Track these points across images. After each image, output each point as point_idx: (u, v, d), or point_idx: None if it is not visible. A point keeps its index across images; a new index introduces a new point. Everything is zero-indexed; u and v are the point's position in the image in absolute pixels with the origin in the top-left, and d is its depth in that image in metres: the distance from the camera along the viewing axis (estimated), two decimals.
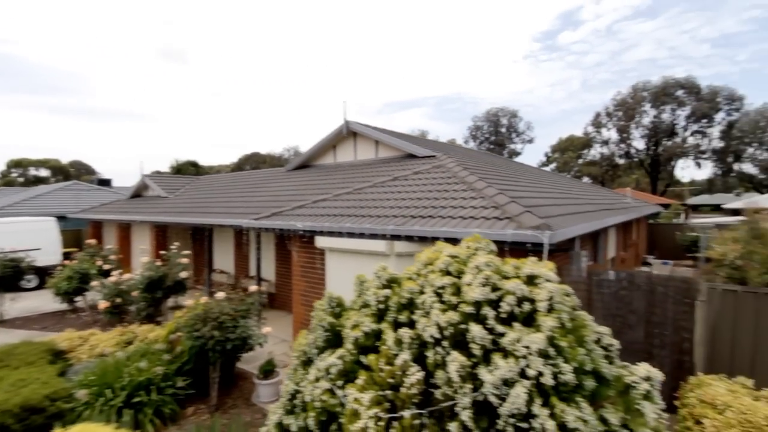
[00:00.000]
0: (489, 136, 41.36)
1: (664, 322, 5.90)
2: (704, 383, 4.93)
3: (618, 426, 2.12)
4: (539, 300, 2.46)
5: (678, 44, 49.32)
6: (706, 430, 4.42)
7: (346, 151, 11.47)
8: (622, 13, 51.03)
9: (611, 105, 37.72)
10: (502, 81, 63.16)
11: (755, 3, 44.72)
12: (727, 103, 35.02)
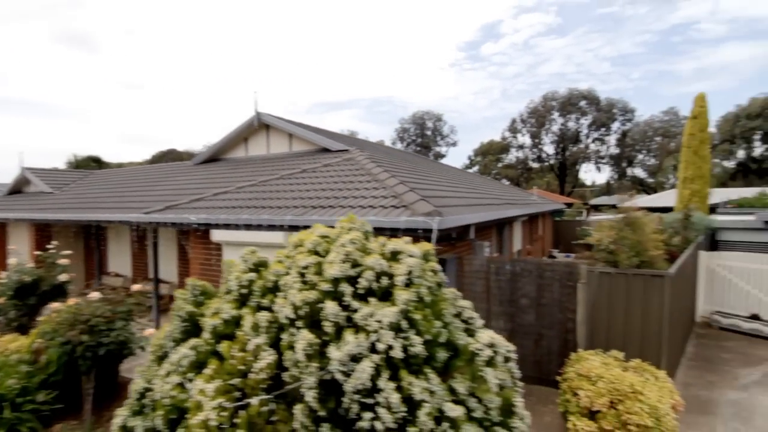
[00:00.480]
0: (415, 138, 42.50)
1: (552, 304, 6.30)
2: (583, 358, 5.32)
3: (466, 395, 2.12)
4: (398, 275, 2.40)
5: (584, 61, 54.68)
6: (581, 400, 4.74)
7: (258, 145, 10.97)
8: (537, 29, 55.46)
9: (525, 112, 40.61)
10: (430, 87, 65.42)
11: (646, 29, 50.97)
12: (622, 114, 39.35)
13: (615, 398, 4.57)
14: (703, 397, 6.15)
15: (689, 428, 5.35)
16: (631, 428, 4.34)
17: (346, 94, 71.61)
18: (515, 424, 2.22)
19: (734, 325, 8.78)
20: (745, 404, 5.90)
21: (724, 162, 36.22)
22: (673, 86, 52.11)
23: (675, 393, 4.85)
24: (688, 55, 50.26)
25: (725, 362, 7.36)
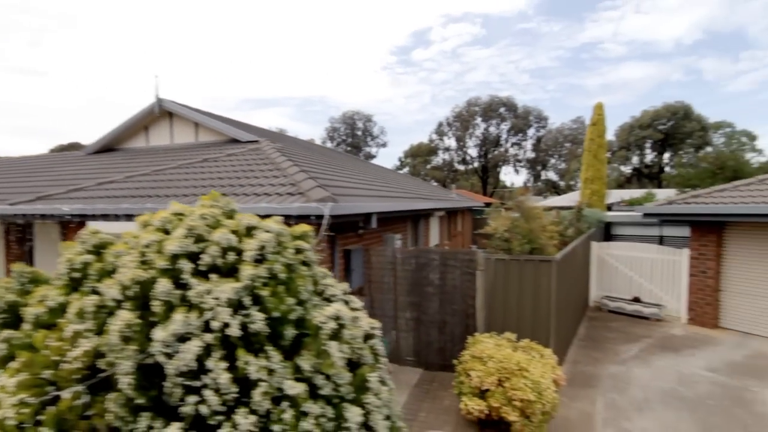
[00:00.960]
0: (346, 138, 42.41)
1: (454, 292, 6.46)
2: (478, 341, 5.50)
3: (311, 372, 2.00)
4: (247, 250, 2.22)
5: (506, 71, 58.29)
6: (472, 380, 4.89)
7: (160, 134, 10.13)
8: (464, 39, 58.04)
9: (451, 116, 42.26)
10: (364, 89, 65.61)
11: (560, 45, 55.58)
12: (537, 121, 42.43)
13: (503, 376, 4.76)
14: (588, 372, 6.68)
15: (573, 400, 5.75)
16: (516, 403, 4.54)
17: (276, 91, 69.45)
18: (368, 400, 2.14)
19: (620, 307, 9.72)
20: (623, 377, 6.49)
21: (621, 167, 40.38)
22: (582, 98, 57.41)
23: (557, 368, 5.18)
24: (595, 71, 55.65)
25: (610, 341, 8.08)
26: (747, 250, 8.35)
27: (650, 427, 5.09)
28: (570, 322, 7.82)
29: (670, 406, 5.58)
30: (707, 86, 50.52)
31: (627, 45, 52.44)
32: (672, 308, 9.35)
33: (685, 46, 50.65)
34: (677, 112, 36.82)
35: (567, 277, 6.95)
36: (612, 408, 5.54)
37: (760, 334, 8.13)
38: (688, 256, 9.00)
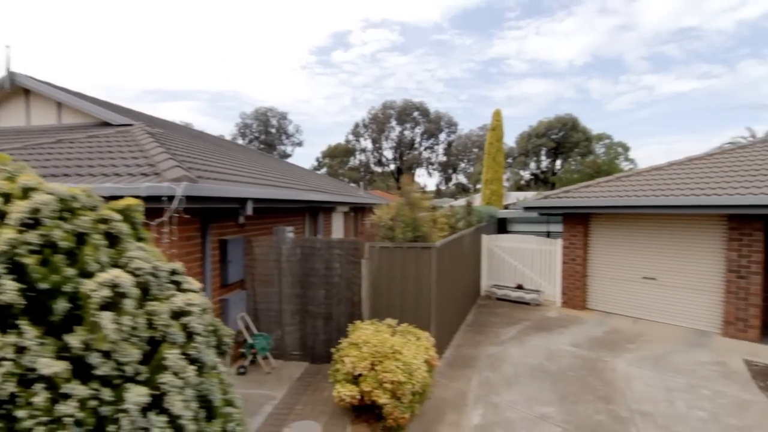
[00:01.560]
0: (259, 135, 40.76)
1: (340, 282, 6.37)
2: (358, 328, 5.45)
3: (82, 349, 1.73)
4: (14, 212, 1.87)
5: (423, 79, 60.53)
6: (345, 366, 4.81)
7: (14, 113, 8.71)
8: (383, 44, 59.09)
9: (367, 118, 42.76)
10: (281, 86, 63.44)
11: (471, 58, 59.17)
12: (448, 126, 44.61)
13: (376, 360, 4.74)
14: (470, 354, 7.01)
15: (452, 381, 5.97)
16: (387, 385, 4.54)
17: (184, 83, 64.27)
18: (164, 380, 1.91)
19: (506, 295, 10.44)
20: (499, 356, 6.91)
21: (521, 171, 44.03)
22: (490, 109, 61.58)
23: (431, 350, 5.31)
24: (501, 85, 60.22)
25: (493, 325, 8.60)
26: (607, 239, 9.45)
27: (516, 399, 5.43)
28: (457, 309, 8.18)
29: (536, 379, 6.04)
30: (594, 104, 57.42)
31: (529, 63, 57.62)
32: (549, 293, 10.27)
33: (577, 67, 57.05)
34: (567, 124, 41.05)
35: (451, 265, 7.24)
36: (485, 385, 5.84)
37: (618, 313, 9.24)
38: (561, 246, 9.94)
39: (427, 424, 4.85)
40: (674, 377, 6.04)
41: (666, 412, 5.08)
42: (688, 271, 8.32)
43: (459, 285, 8.25)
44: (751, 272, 7.43)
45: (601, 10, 50.49)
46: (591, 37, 54.00)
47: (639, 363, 6.56)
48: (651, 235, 8.78)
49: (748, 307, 7.49)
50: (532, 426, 4.79)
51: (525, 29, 55.10)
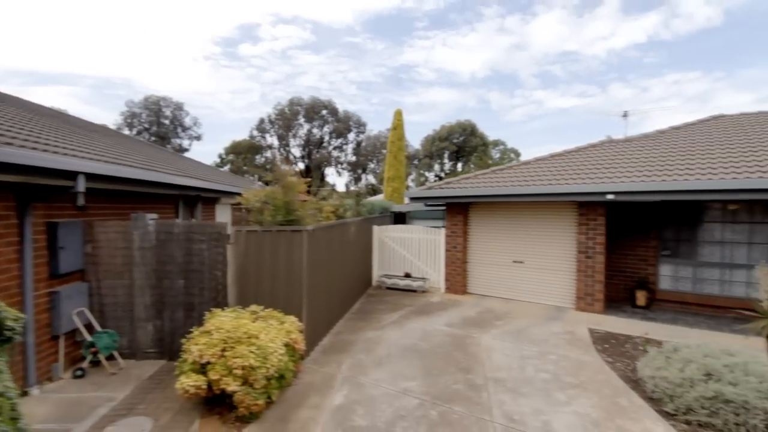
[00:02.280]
0: (149, 126, 37.00)
1: (201, 269, 5.88)
2: (215, 315, 5.04)
3: None
4: None
5: (335, 80, 59.86)
6: (192, 355, 4.42)
7: None
8: (295, 42, 57.04)
9: (273, 114, 41.25)
10: (180, 77, 57.88)
11: (383, 63, 60.19)
12: (356, 126, 44.86)
13: (228, 346, 4.42)
14: (348, 339, 6.95)
15: (323, 366, 5.82)
16: (237, 372, 4.24)
17: (63, 66, 55.58)
18: None
19: (395, 283, 10.65)
20: (376, 339, 6.95)
21: (426, 173, 45.93)
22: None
23: (294, 333, 5.12)
24: (411, 91, 62.16)
25: (378, 312, 8.68)
26: (484, 227, 10.12)
27: (383, 377, 5.46)
28: (341, 297, 8.09)
29: (406, 357, 6.16)
30: (493, 114, 62.02)
31: (436, 72, 60.33)
32: (435, 280, 10.70)
33: (479, 79, 61.12)
34: (466, 129, 43.75)
35: (329, 251, 7.13)
36: (356, 367, 5.80)
37: (494, 295, 9.93)
38: (444, 235, 10.43)
39: (286, 409, 4.63)
40: (529, 347, 6.59)
41: (516, 377, 5.49)
42: (549, 254, 9.23)
43: (343, 273, 8.18)
44: (596, 252, 8.46)
45: (499, 29, 54.90)
46: (491, 53, 58.44)
47: (502, 337, 7.06)
48: (520, 222, 9.59)
49: (594, 283, 8.51)
50: (393, 400, 4.84)
51: (433, 40, 57.72)
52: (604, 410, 4.62)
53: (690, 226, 8.82)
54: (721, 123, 10.46)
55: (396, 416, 4.49)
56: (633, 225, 9.39)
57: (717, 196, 6.95)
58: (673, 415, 4.47)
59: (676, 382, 4.53)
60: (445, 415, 4.51)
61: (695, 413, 4.31)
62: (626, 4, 48.99)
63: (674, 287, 8.98)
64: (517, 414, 4.55)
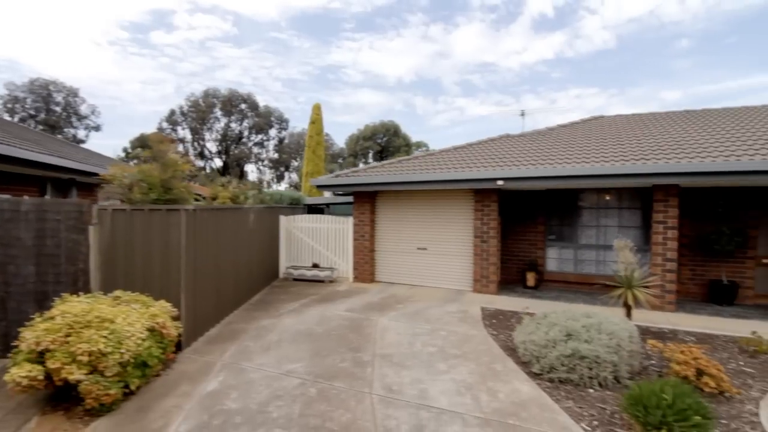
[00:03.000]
0: (36, 114, 32.49)
1: (58, 252, 5.17)
2: (65, 301, 4.46)
3: None
4: None
5: (259, 76, 57.12)
6: (26, 343, 3.84)
7: None
8: (214, 32, 53.28)
9: (186, 105, 38.56)
10: (81, 62, 51.27)
11: (309, 62, 58.87)
12: (278, 123, 43.53)
13: (74, 331, 3.90)
14: (239, 328, 6.57)
15: (204, 355, 5.41)
16: (82, 358, 3.75)
17: None
18: None
19: (302, 274, 10.38)
20: (270, 327, 6.65)
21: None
22: (329, 115, 62.16)
23: (160, 317, 4.68)
24: (339, 92, 61.56)
25: (280, 301, 8.36)
26: (390, 215, 10.24)
27: (268, 361, 5.22)
28: (237, 287, 7.65)
29: (298, 341, 5.96)
30: (419, 118, 63.67)
31: (364, 74, 60.48)
32: (343, 270, 10.61)
33: (405, 84, 62.36)
34: (390, 130, 44.48)
35: (219, 236, 6.70)
36: (240, 354, 5.48)
37: (400, 282, 10.08)
38: (353, 224, 10.38)
39: (149, 399, 4.21)
40: (423, 325, 6.74)
41: (404, 352, 5.55)
42: (450, 240, 9.58)
43: (238, 262, 7.75)
44: (490, 237, 8.95)
45: (423, 36, 56.57)
46: (416, 59, 60.04)
47: (398, 318, 7.15)
48: (424, 210, 9.85)
49: (489, 266, 8.98)
50: (273, 382, 4.62)
51: (360, 42, 57.86)
52: (480, 375, 4.82)
53: (571, 213, 9.69)
54: (601, 122, 11.68)
55: (272, 396, 4.29)
56: (524, 213, 10.10)
57: (590, 181, 7.69)
58: (539, 374, 4.80)
59: (542, 344, 4.87)
60: (325, 392, 4.40)
61: (557, 371, 4.66)
62: (536, 24, 53.23)
63: (559, 268, 9.81)
64: (396, 385, 4.57)
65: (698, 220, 8.62)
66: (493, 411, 4.01)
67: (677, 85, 55.05)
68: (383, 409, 4.03)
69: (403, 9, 55.85)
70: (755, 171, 6.44)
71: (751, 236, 8.28)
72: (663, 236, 7.59)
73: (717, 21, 47.99)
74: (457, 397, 4.28)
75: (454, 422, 3.81)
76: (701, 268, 8.63)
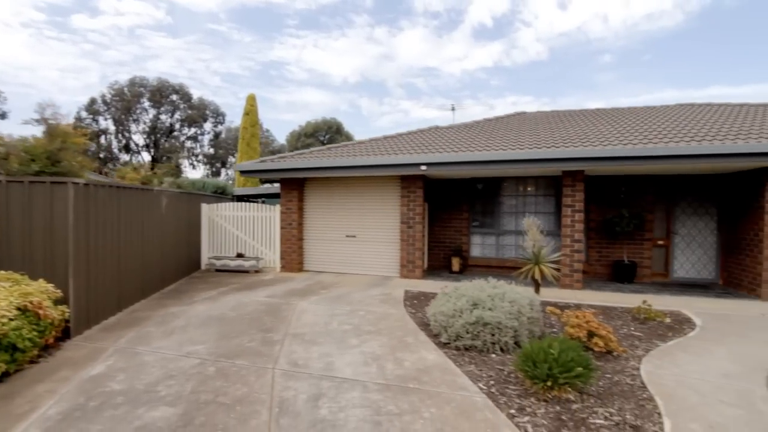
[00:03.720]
0: None
1: None
2: None
3: None
4: None
5: (195, 69, 53.86)
6: None
7: None
8: (145, 20, 49.34)
9: (109, 94, 35.65)
10: None
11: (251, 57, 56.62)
12: (214, 116, 41.57)
13: None
14: (142, 316, 6.10)
15: (97, 342, 4.96)
16: None
17: None
18: None
19: (225, 264, 9.91)
20: (178, 313, 6.24)
21: None
22: (271, 112, 60.28)
23: (34, 296, 4.21)
24: (282, 89, 59.87)
25: (196, 291, 7.89)
26: (319, 203, 10.08)
27: (167, 345, 4.87)
28: (145, 275, 7.11)
29: (206, 325, 5.64)
30: (364, 119, 63.63)
31: (308, 72, 59.27)
32: (270, 260, 10.28)
33: (350, 84, 62.02)
34: (332, 127, 44.10)
35: (121, 217, 6.19)
36: (138, 339, 5.08)
37: (329, 270, 9.94)
38: (280, 212, 10.09)
39: (19, 386, 3.75)
40: (343, 307, 6.66)
41: (318, 331, 5.43)
42: (378, 227, 9.61)
43: (148, 249, 7.21)
44: (416, 222, 9.08)
45: (368, 38, 56.71)
46: (361, 60, 60.01)
47: (320, 301, 7.02)
48: (352, 197, 9.80)
49: (414, 251, 9.11)
50: (168, 363, 4.31)
51: (304, 39, 56.74)
52: (390, 348, 4.83)
53: (493, 201, 10.11)
54: (522, 117, 12.32)
55: (165, 377, 3.99)
56: (450, 201, 10.39)
57: (506, 166, 8.05)
58: (447, 344, 4.90)
59: (449, 314, 4.98)
60: (224, 370, 4.17)
61: (462, 338, 4.78)
62: (476, 32, 55.41)
63: (482, 254, 10.19)
64: (303, 360, 4.45)
65: (604, 206, 9.34)
66: (395, 377, 4.01)
67: (601, 96, 59.84)
68: (283, 382, 3.90)
69: (348, 9, 55.76)
70: (648, 156, 7.08)
71: (648, 220, 9.10)
72: (571, 219, 8.12)
73: (635, 39, 52.89)
74: (363, 368, 4.24)
75: (354, 389, 3.76)
76: (606, 250, 9.36)
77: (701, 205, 8.99)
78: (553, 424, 3.19)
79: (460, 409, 3.41)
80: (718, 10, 50.35)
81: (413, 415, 3.30)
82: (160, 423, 3.16)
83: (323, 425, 3.14)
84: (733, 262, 8.37)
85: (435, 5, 53.27)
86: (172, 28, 52.94)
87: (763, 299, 7.22)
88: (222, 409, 3.37)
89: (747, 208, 7.84)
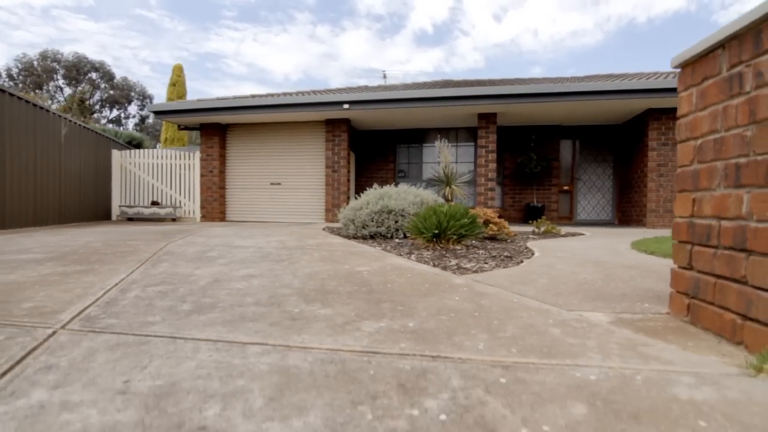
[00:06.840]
0: None
1: None
2: None
3: None
4: None
5: (122, 56, 49.87)
6: None
7: None
8: (62, 0, 45.03)
9: (16, 68, 32.15)
10: None
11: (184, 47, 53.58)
12: (140, 98, 38.90)
13: None
14: None
15: None
16: None
17: None
18: None
19: (139, 212, 9.34)
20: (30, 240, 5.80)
21: None
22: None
23: None
24: (220, 83, 57.35)
25: (86, 229, 7.37)
26: (242, 150, 9.82)
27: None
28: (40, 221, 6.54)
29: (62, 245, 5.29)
30: None
31: (247, 66, 57.38)
32: (190, 210, 9.84)
33: (293, 81, 60.93)
34: None
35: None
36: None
37: (253, 220, 9.70)
38: (200, 159, 9.70)
39: None
40: (261, 230, 6.55)
41: (231, 234, 5.31)
42: (304, 173, 9.55)
43: (38, 182, 6.63)
44: (341, 166, 9.15)
45: (311, 36, 56.12)
46: (304, 58, 59.23)
47: (236, 229, 6.84)
48: (277, 143, 9.66)
49: (339, 195, 9.17)
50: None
51: (243, 32, 55.00)
52: (297, 237, 4.84)
53: (416, 151, 10.45)
54: (447, 82, 12.86)
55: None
56: (376, 152, 10.59)
57: (423, 104, 8.36)
58: (354, 236, 5.00)
59: (357, 207, 5.10)
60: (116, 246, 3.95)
61: (368, 227, 4.91)
62: (418, 38, 56.91)
63: None
64: (207, 238, 4.33)
65: (517, 153, 10.01)
66: (296, 247, 4.04)
67: None
68: (189, 247, 3.77)
69: (290, 5, 54.84)
70: (549, 93, 7.72)
71: (554, 167, 9.88)
72: (485, 159, 8.61)
73: (561, 53, 57.09)
74: (265, 242, 4.22)
75: (256, 251, 3.74)
76: (519, 195, 10.03)
77: (599, 153, 9.93)
78: (435, 256, 3.39)
79: (353, 253, 3.52)
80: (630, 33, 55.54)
81: (309, 254, 3.35)
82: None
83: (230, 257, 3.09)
84: (625, 201, 9.33)
85: (378, 8, 53.97)
86: (94, 10, 49.00)
87: (647, 227, 8.12)
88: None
89: (635, 151, 8.79)
